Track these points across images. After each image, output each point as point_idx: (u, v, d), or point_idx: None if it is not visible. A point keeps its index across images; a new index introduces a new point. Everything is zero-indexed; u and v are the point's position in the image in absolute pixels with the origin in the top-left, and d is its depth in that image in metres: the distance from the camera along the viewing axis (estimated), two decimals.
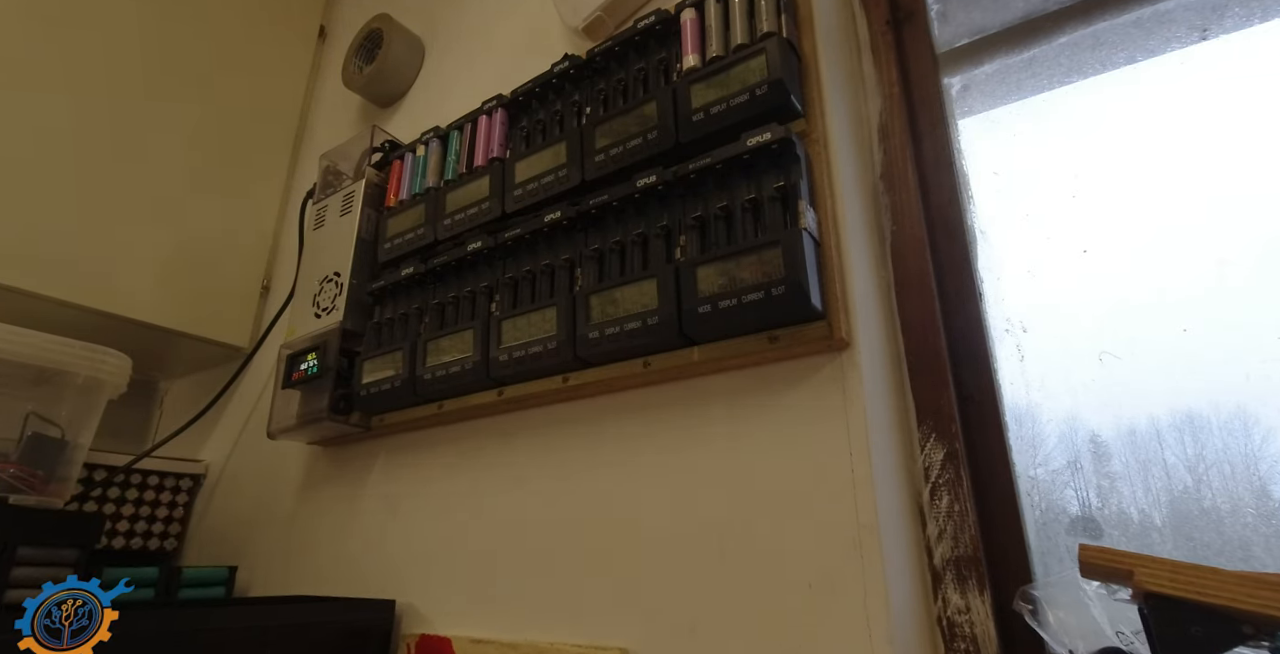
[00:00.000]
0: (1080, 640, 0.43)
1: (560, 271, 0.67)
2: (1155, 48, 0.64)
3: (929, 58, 0.69)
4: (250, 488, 1.03)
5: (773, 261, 0.51)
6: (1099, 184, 0.62)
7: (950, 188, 0.64)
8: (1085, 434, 0.58)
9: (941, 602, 0.51)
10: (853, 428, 0.51)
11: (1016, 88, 0.70)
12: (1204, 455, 0.54)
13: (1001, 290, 0.62)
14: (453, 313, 0.75)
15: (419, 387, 0.73)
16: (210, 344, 1.12)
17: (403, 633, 0.71)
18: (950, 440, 0.55)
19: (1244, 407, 0.53)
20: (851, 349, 0.53)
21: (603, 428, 0.64)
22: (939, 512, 0.54)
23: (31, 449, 0.76)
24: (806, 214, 0.53)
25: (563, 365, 0.63)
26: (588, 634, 0.59)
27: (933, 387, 0.57)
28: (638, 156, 0.64)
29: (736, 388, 0.57)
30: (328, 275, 0.89)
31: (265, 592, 0.91)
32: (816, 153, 0.57)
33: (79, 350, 0.79)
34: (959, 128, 0.67)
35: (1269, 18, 0.59)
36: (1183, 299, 0.56)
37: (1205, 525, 0.53)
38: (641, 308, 0.57)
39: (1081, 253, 0.61)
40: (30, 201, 0.95)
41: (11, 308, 0.93)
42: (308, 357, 0.83)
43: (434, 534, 0.74)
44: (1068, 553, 0.54)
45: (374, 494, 0.83)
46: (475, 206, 0.76)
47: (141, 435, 1.29)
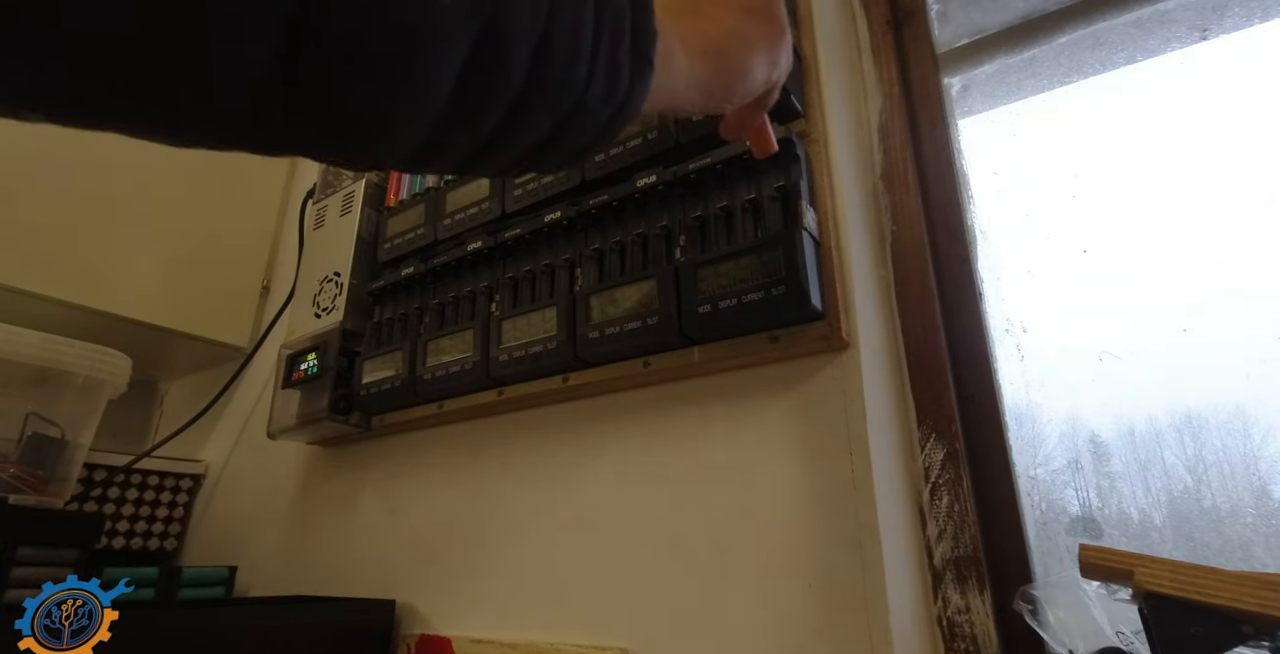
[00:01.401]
0: (1080, 640, 0.43)
1: (560, 271, 0.67)
2: (1155, 48, 0.64)
3: (929, 58, 0.69)
4: (250, 488, 1.03)
5: (773, 261, 0.51)
6: (1099, 184, 0.62)
7: (950, 188, 0.64)
8: (1085, 434, 0.58)
9: (941, 602, 0.51)
10: (853, 428, 0.51)
11: (1016, 88, 0.70)
12: (1204, 455, 0.54)
13: (1001, 290, 0.62)
14: (453, 313, 0.75)
15: (419, 387, 0.73)
16: (210, 344, 1.12)
17: (403, 633, 0.71)
18: (950, 440, 0.55)
19: (1244, 407, 0.53)
20: (851, 349, 0.53)
21: (603, 428, 0.64)
22: (939, 512, 0.54)
23: (31, 449, 0.76)
24: (806, 214, 0.53)
25: (563, 365, 0.63)
26: (588, 634, 0.59)
27: (933, 387, 0.57)
28: (638, 156, 0.64)
29: (737, 388, 0.57)
30: (328, 275, 0.89)
31: (265, 592, 0.91)
32: (816, 153, 0.57)
33: (79, 350, 0.79)
34: (959, 128, 0.67)
35: (1269, 18, 0.59)
36: (1183, 299, 0.56)
37: (1205, 525, 0.53)
38: (642, 308, 0.57)
39: (1081, 253, 0.61)
40: (30, 201, 0.95)
41: (11, 308, 0.93)
42: (308, 357, 0.83)
43: (434, 534, 0.74)
44: (1068, 553, 0.54)
45: (374, 494, 0.83)
46: (475, 206, 0.76)
47: (141, 435, 1.29)
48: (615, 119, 0.29)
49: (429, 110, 0.24)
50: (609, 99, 0.28)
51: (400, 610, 0.73)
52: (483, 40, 0.23)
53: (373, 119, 0.24)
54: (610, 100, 0.28)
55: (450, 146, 0.27)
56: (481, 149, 0.27)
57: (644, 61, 0.29)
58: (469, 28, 0.23)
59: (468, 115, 0.25)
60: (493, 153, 0.28)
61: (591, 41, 0.26)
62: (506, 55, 0.24)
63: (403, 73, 0.22)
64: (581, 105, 0.27)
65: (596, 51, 0.27)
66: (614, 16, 0.27)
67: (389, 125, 0.24)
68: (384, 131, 0.24)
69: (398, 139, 0.25)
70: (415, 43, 0.22)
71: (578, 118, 0.28)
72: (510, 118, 0.26)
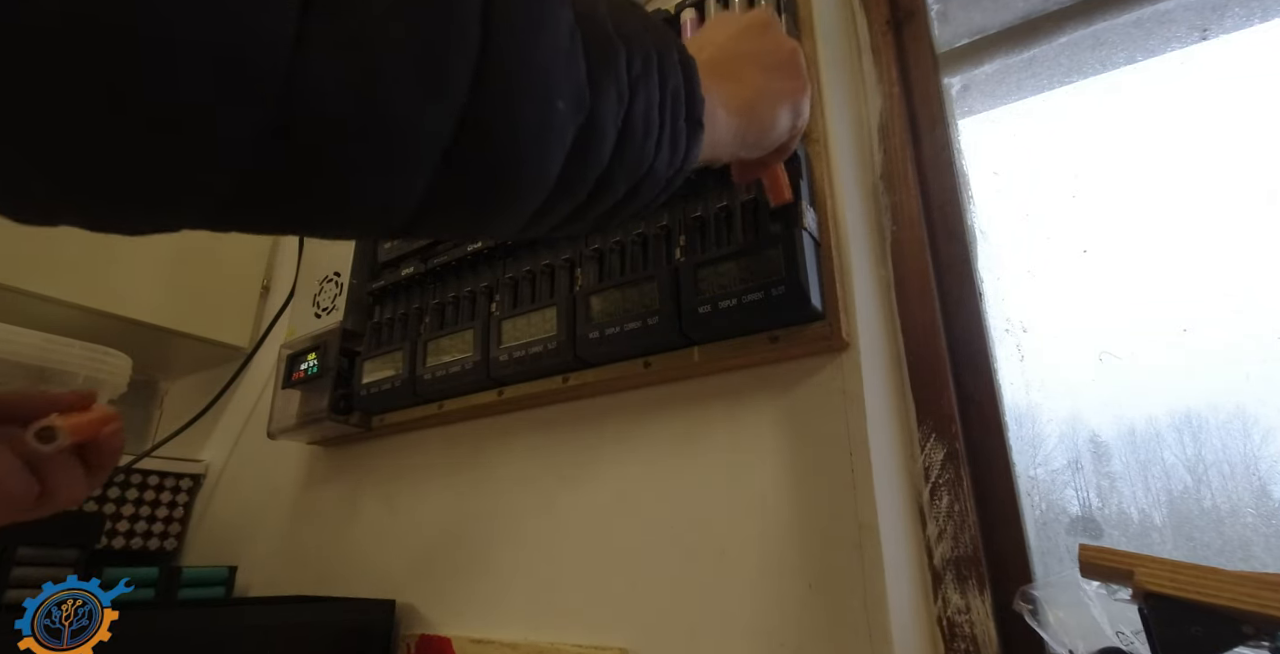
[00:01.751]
0: (1080, 640, 0.43)
1: (560, 271, 0.67)
2: (1155, 48, 0.64)
3: (929, 58, 0.69)
4: (250, 488, 1.03)
5: (773, 261, 0.51)
6: (1099, 184, 0.62)
7: (950, 188, 0.64)
8: (1085, 434, 0.58)
9: (941, 602, 0.51)
10: (853, 428, 0.51)
11: (1016, 88, 0.70)
12: (1203, 455, 0.54)
13: (1001, 290, 0.62)
14: (453, 313, 0.75)
15: (419, 387, 0.73)
16: (210, 344, 1.12)
17: (403, 633, 0.71)
18: (950, 440, 0.55)
19: (1243, 407, 0.53)
20: (851, 349, 0.53)
21: (603, 428, 0.64)
22: (939, 512, 0.54)
23: None
24: (806, 214, 0.53)
25: (563, 365, 0.63)
26: (588, 634, 0.59)
27: (933, 387, 0.57)
28: None
29: (736, 388, 0.57)
30: (328, 275, 0.89)
31: (265, 592, 0.91)
32: (816, 153, 0.57)
33: (79, 350, 0.79)
34: (959, 128, 0.67)
35: (1269, 18, 0.59)
36: (1183, 299, 0.56)
37: (1205, 525, 0.53)
38: (642, 308, 0.57)
39: (1081, 253, 0.61)
40: None
41: (12, 308, 0.93)
42: (308, 357, 0.83)
43: (434, 534, 0.74)
44: (1068, 553, 0.54)
45: (374, 494, 0.83)
46: None
47: (141, 435, 1.29)
48: (675, 177, 0.33)
49: (540, 196, 0.27)
50: (672, 162, 0.31)
51: (400, 610, 0.73)
52: (583, 131, 0.26)
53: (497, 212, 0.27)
54: (673, 163, 0.32)
55: (548, 221, 0.30)
56: (573, 213, 0.30)
57: (696, 126, 0.32)
58: (576, 122, 0.26)
59: (566, 194, 0.28)
60: (576, 219, 0.31)
61: (659, 116, 0.30)
62: (600, 141, 0.27)
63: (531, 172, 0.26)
64: (652, 172, 0.31)
65: (663, 125, 0.30)
66: (673, 90, 0.30)
67: (507, 214, 0.28)
68: (503, 219, 0.28)
69: (512, 222, 0.29)
70: (541, 144, 0.25)
71: (648, 181, 0.31)
72: (595, 190, 0.29)
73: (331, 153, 0.21)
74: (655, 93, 0.29)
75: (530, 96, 0.24)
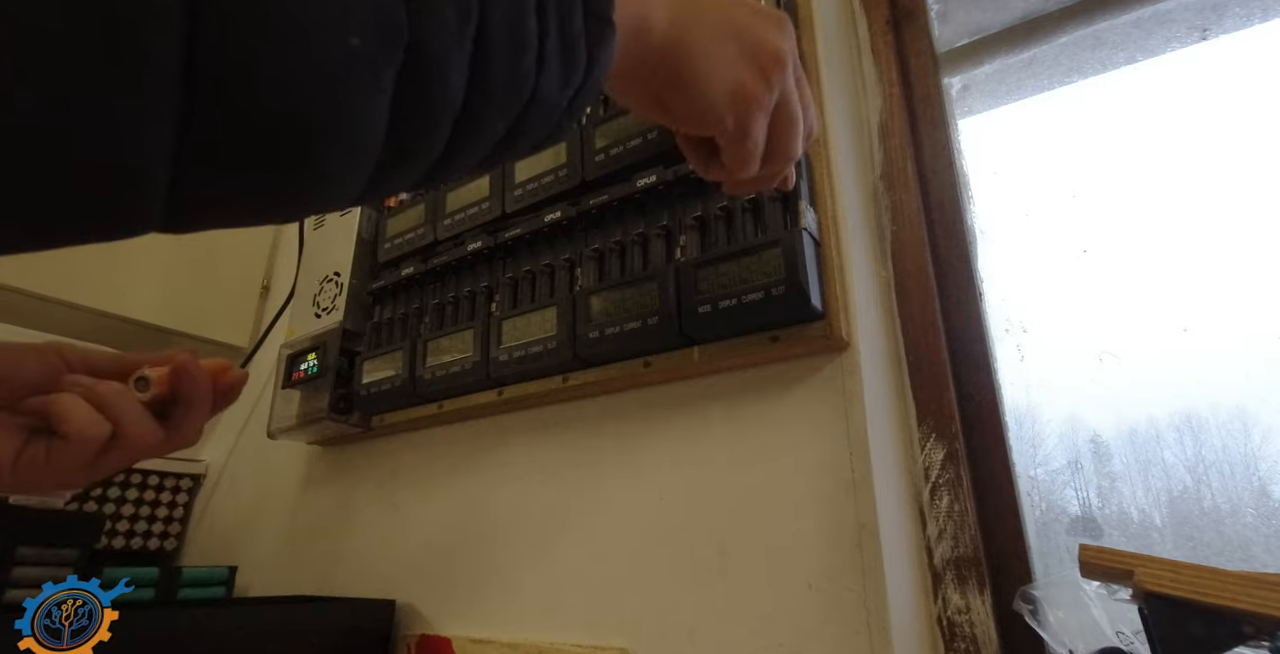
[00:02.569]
0: (1080, 640, 0.43)
1: (560, 271, 0.67)
2: (1155, 48, 0.64)
3: (929, 58, 0.69)
4: (250, 488, 1.03)
5: (773, 261, 0.51)
6: (1099, 184, 0.62)
7: (950, 188, 0.64)
8: (1085, 434, 0.58)
9: (941, 602, 0.51)
10: (853, 428, 0.51)
11: (1016, 88, 0.70)
12: (1203, 455, 0.54)
13: (1001, 290, 0.62)
14: (453, 313, 0.75)
15: (419, 386, 0.73)
16: (210, 344, 1.12)
17: (403, 633, 0.71)
18: (950, 440, 0.55)
19: (1243, 407, 0.53)
20: (851, 349, 0.53)
21: (603, 428, 0.64)
22: (939, 512, 0.54)
23: None
24: (806, 214, 0.53)
25: (563, 365, 0.63)
26: (588, 634, 0.59)
27: (933, 387, 0.57)
28: (638, 156, 0.64)
29: (736, 388, 0.57)
30: (328, 275, 0.89)
31: (265, 592, 0.91)
32: (816, 152, 0.57)
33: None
34: (959, 128, 0.67)
35: (1269, 18, 0.59)
36: (1183, 299, 0.56)
37: (1205, 525, 0.53)
38: (642, 308, 0.57)
39: (1081, 253, 0.61)
40: None
41: (13, 308, 0.93)
42: (308, 356, 0.83)
43: (434, 534, 0.74)
44: (1068, 553, 0.54)
45: (374, 494, 0.83)
46: (475, 206, 0.76)
47: None
48: (580, 97, 0.26)
49: (364, 161, 0.21)
50: (569, 80, 0.25)
51: (400, 610, 0.73)
52: (408, 68, 0.20)
53: (307, 186, 0.21)
54: (571, 82, 0.25)
55: (398, 178, 0.24)
56: (435, 167, 0.24)
57: (602, 24, 0.25)
58: (392, 59, 0.20)
59: (408, 149, 0.22)
60: (448, 166, 0.25)
61: (536, 22, 0.23)
62: (439, 75, 0.21)
63: (327, 137, 0.20)
64: (537, 97, 0.24)
65: (544, 32, 0.23)
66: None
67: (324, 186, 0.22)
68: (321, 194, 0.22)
69: (337, 195, 0.23)
70: (332, 99, 0.19)
71: (536, 110, 0.24)
72: (457, 133, 0.23)
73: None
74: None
75: (294, 37, 0.18)
